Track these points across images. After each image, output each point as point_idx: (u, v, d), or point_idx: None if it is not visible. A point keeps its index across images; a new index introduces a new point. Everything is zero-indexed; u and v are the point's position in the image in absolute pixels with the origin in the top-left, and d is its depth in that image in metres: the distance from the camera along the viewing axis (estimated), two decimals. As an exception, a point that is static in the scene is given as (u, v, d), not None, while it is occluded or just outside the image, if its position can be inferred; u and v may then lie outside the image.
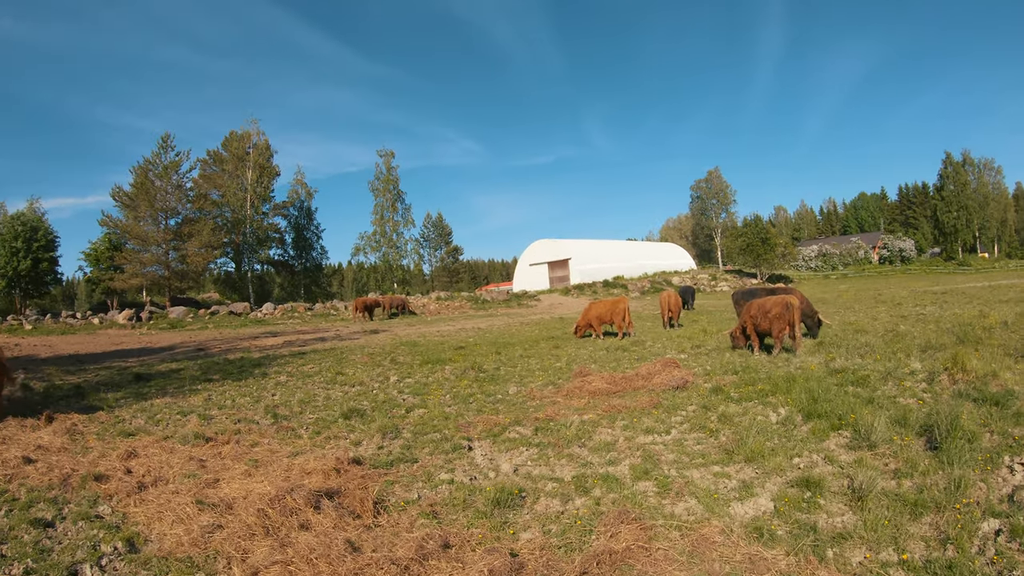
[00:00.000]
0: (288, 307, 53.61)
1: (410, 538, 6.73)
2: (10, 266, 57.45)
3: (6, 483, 9.17)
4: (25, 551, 6.81)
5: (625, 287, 69.12)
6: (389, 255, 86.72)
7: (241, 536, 6.90)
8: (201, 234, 61.48)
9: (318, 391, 16.52)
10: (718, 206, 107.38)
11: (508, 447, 10.31)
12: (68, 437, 11.90)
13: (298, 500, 7.56)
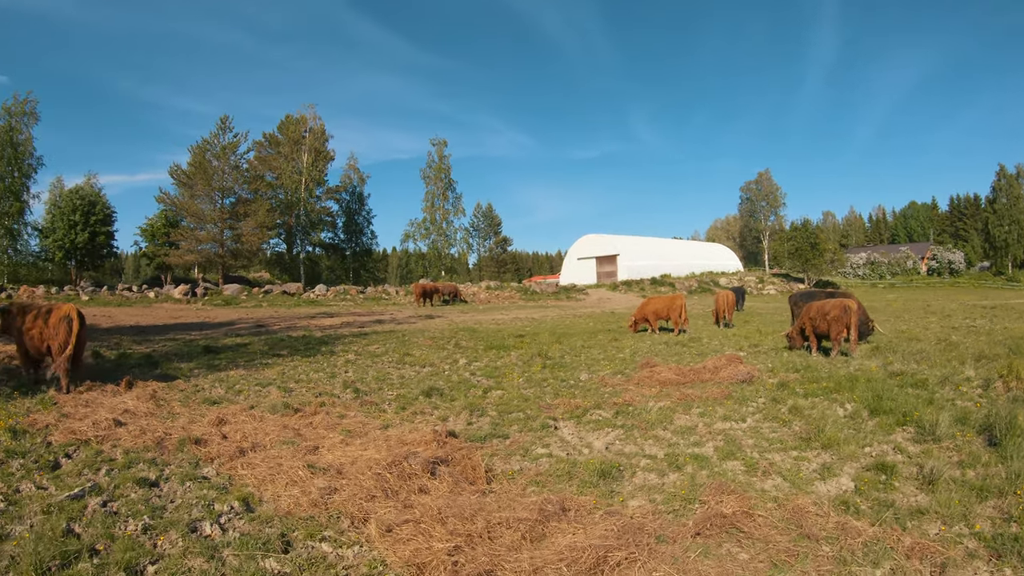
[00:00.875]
0: (340, 289, 54.01)
1: (528, 502, 6.97)
2: (68, 238, 58.03)
3: (99, 443, 9.35)
4: (137, 508, 6.88)
5: (672, 285, 68.49)
6: (438, 243, 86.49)
7: (361, 498, 7.08)
8: (257, 214, 61.64)
9: (390, 370, 16.60)
10: (767, 208, 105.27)
11: (593, 428, 10.51)
12: (153, 403, 12.13)
13: (415, 466, 7.79)
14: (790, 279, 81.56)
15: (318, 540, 6.26)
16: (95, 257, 61.47)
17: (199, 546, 6.03)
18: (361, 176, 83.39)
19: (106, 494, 7.33)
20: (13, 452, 8.83)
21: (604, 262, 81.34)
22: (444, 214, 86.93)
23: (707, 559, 5.76)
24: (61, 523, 6.36)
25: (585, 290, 64.49)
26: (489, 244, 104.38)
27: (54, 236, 58.58)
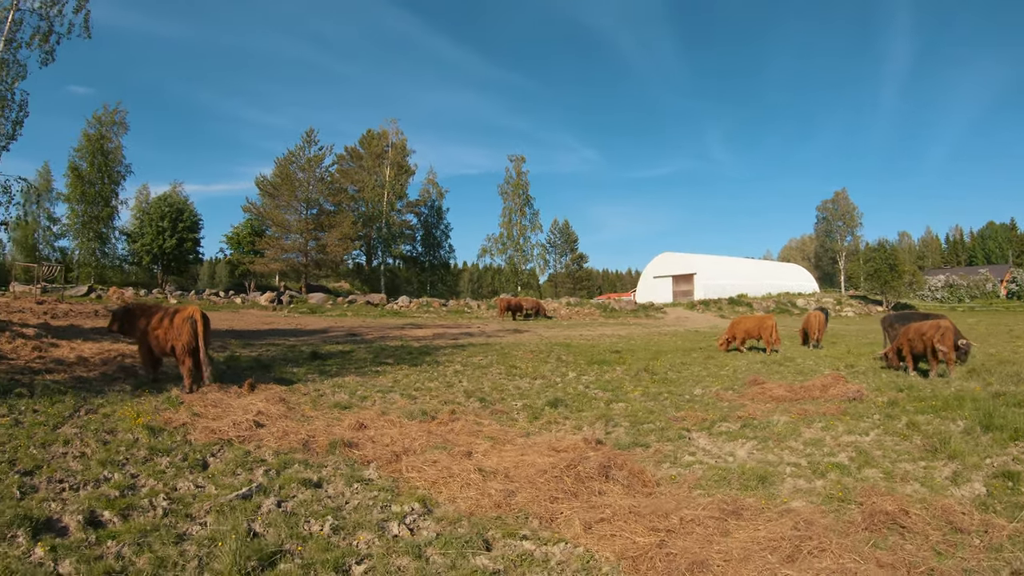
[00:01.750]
0: (423, 301, 53.66)
1: (704, 503, 7.11)
2: (156, 244, 59.72)
3: (241, 444, 9.42)
4: (314, 508, 6.96)
5: (750, 306, 66.97)
6: (515, 258, 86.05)
7: (544, 499, 7.20)
8: (342, 226, 62.34)
9: (503, 381, 16.48)
10: (844, 228, 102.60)
11: (727, 439, 10.62)
12: (284, 406, 12.04)
13: (590, 470, 7.95)
14: (867, 301, 78.93)
15: (518, 539, 6.30)
16: (181, 262, 63.19)
17: (401, 545, 6.08)
18: (440, 190, 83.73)
19: (274, 494, 7.25)
20: (157, 450, 8.82)
21: (680, 281, 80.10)
22: (521, 230, 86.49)
23: (880, 549, 6.10)
24: (241, 523, 6.28)
25: (663, 308, 63.48)
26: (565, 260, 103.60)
27: (142, 241, 60.31)
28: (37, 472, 7.74)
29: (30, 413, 10.48)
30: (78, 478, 7.61)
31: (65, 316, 28.94)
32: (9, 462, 8.07)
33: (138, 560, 5.59)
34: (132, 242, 62.90)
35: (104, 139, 60.54)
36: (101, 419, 10.40)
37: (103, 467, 8.02)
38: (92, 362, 15.58)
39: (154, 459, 8.48)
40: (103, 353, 16.81)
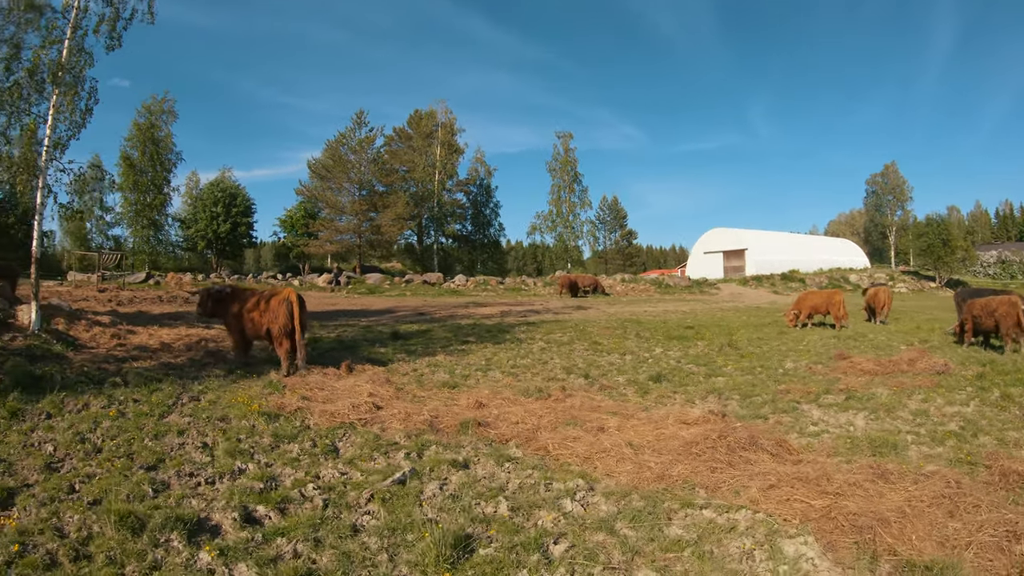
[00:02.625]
0: (480, 280, 53.45)
1: (851, 468, 7.30)
2: (210, 229, 60.19)
3: (364, 426, 9.18)
4: (479, 490, 6.82)
5: (803, 281, 65.57)
6: (564, 235, 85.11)
7: (703, 470, 7.25)
8: (395, 206, 62.45)
9: (594, 357, 16.23)
10: (894, 203, 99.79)
11: (837, 410, 10.67)
12: (390, 387, 11.84)
13: (740, 440, 7.98)
14: (920, 277, 76.67)
15: (698, 508, 6.29)
16: (235, 247, 63.75)
17: (591, 521, 6.05)
18: (488, 169, 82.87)
19: (430, 478, 7.12)
20: (280, 436, 8.55)
21: (731, 256, 78.85)
22: (571, 207, 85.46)
23: (1020, 504, 6.27)
24: (413, 509, 6.20)
25: (716, 284, 62.56)
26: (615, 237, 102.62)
27: (196, 227, 60.71)
28: (162, 466, 7.34)
29: (131, 403, 9.95)
30: (210, 471, 7.21)
31: (131, 303, 28.69)
32: (127, 456, 7.57)
33: (320, 558, 5.31)
34: (186, 228, 63.55)
35: (154, 128, 60.79)
36: (207, 406, 10.01)
37: (232, 458, 7.64)
38: (175, 348, 15.13)
39: (281, 446, 8.17)
40: (183, 338, 16.41)
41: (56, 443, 7.90)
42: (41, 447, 7.80)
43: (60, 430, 8.46)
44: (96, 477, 6.87)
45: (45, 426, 8.59)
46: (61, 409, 9.38)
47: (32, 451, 7.64)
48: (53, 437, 8.16)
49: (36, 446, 7.83)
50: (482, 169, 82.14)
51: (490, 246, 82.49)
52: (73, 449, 7.75)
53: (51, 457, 7.50)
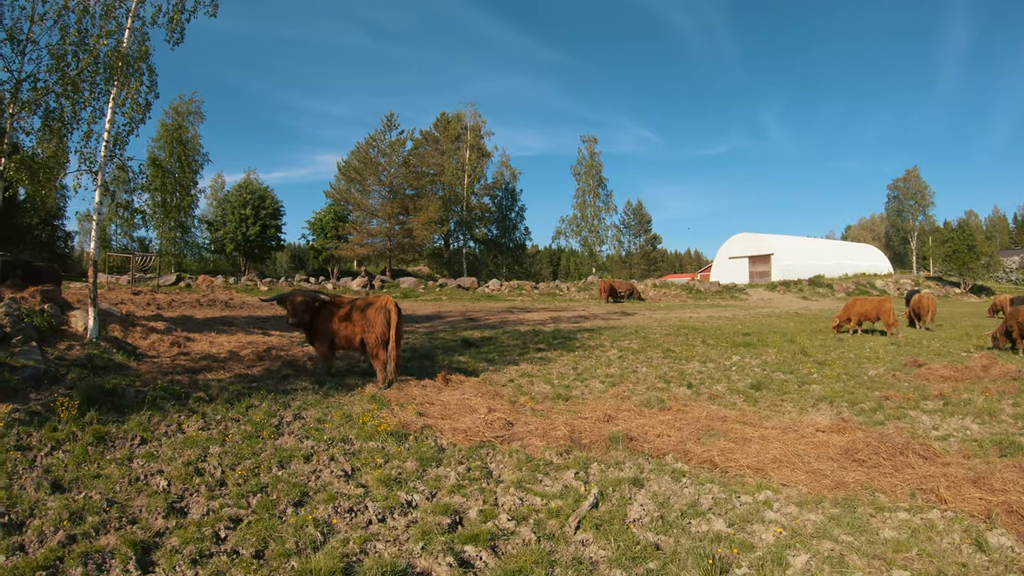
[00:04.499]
0: (514, 284, 52.74)
1: (996, 467, 7.41)
2: (239, 231, 59.55)
3: (504, 444, 8.66)
4: (680, 508, 6.50)
5: (830, 286, 64.50)
6: (590, 240, 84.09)
7: (876, 475, 7.29)
8: (427, 209, 61.96)
9: (679, 366, 15.68)
10: (915, 207, 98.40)
11: (942, 415, 10.65)
12: (501, 400, 11.14)
13: (897, 446, 8.08)
14: (944, 283, 75.33)
15: (892, 511, 6.41)
16: (264, 249, 63.14)
17: (809, 530, 6.00)
18: (513, 172, 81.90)
19: (617, 499, 6.67)
20: (426, 460, 7.79)
21: (757, 261, 78.15)
22: (596, 211, 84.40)
23: None
24: (629, 534, 5.80)
25: (745, 290, 61.57)
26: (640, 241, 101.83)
27: (225, 229, 60.01)
28: (309, 501, 6.42)
29: (230, 423, 8.98)
30: (372, 505, 6.34)
31: (170, 306, 27.69)
32: (260, 490, 6.58)
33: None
34: (214, 230, 63.00)
35: (181, 129, 60.18)
36: (317, 425, 9.12)
37: (388, 487, 6.86)
38: (245, 357, 14.18)
39: (429, 471, 7.49)
40: (247, 347, 15.56)
41: (167, 476, 6.80)
42: (149, 481, 6.70)
43: (164, 459, 7.40)
44: (242, 520, 5.86)
45: (144, 454, 7.49)
46: (153, 432, 8.34)
47: (142, 487, 6.55)
48: (160, 468, 7.08)
49: (143, 480, 6.73)
50: (507, 172, 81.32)
51: (516, 250, 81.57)
52: (191, 483, 6.69)
53: (168, 494, 6.39)
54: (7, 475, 6.54)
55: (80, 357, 12.33)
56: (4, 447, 7.21)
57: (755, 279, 75.34)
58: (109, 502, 5.99)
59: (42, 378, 10.56)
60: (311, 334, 12.91)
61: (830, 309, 39.53)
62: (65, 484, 6.44)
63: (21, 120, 11.78)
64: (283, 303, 12.79)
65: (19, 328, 12.37)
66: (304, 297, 12.65)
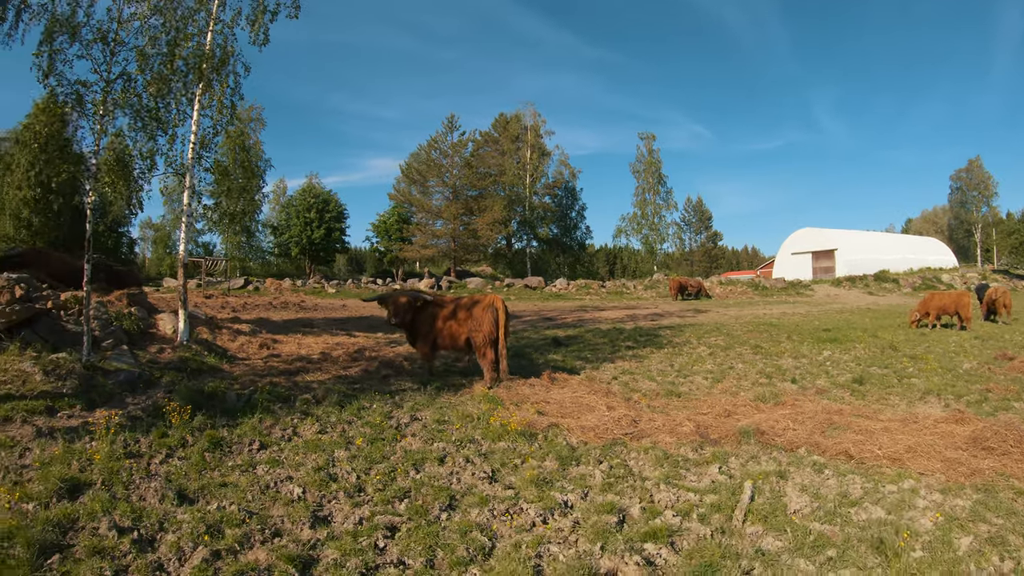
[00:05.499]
0: (581, 283, 52.44)
1: None
2: (304, 235, 59.97)
3: (634, 441, 8.50)
4: (834, 499, 6.40)
5: (896, 281, 62.81)
6: (650, 238, 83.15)
7: (1008, 462, 7.19)
8: (492, 209, 62.17)
9: (774, 362, 15.48)
10: (979, 199, 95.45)
11: None
12: (614, 397, 10.98)
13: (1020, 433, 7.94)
14: (1011, 276, 72.75)
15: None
16: (329, 252, 63.73)
17: (963, 516, 5.90)
18: (573, 171, 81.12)
19: (766, 493, 6.56)
20: (564, 459, 7.61)
21: (820, 257, 76.62)
22: (656, 208, 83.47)
23: None
24: (797, 524, 5.76)
25: (810, 286, 60.37)
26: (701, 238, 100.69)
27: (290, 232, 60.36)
28: (458, 504, 6.27)
29: (346, 425, 8.76)
30: (529, 508, 6.18)
31: (245, 309, 27.64)
32: (403, 495, 6.38)
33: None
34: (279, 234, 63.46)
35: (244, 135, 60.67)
36: (437, 426, 8.93)
37: (538, 487, 6.68)
38: (338, 358, 13.97)
39: (569, 469, 7.32)
40: (334, 348, 15.43)
41: (300, 483, 6.48)
42: (280, 489, 6.37)
43: (290, 464, 7.08)
44: (398, 528, 5.65)
45: (266, 460, 7.18)
46: (268, 436, 8.06)
47: (274, 495, 6.22)
48: (288, 474, 6.75)
49: (274, 488, 6.40)
50: (566, 171, 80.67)
51: (576, 249, 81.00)
52: (327, 490, 6.38)
53: (306, 502, 6.05)
54: (123, 484, 6.24)
55: (172, 360, 12.14)
56: (114, 454, 6.90)
57: (819, 275, 73.95)
58: (246, 513, 5.64)
59: (137, 382, 10.39)
60: (412, 334, 12.69)
61: (899, 304, 39.04)
62: (190, 494, 6.13)
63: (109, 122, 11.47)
64: (385, 303, 12.65)
65: (109, 331, 12.22)
66: (407, 297, 12.44)
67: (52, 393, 8.95)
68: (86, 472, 6.44)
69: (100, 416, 7.99)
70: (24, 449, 7.01)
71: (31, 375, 9.46)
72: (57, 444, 7.12)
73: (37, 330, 11.35)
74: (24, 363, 9.71)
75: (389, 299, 12.54)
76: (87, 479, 6.25)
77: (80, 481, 6.17)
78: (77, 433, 7.55)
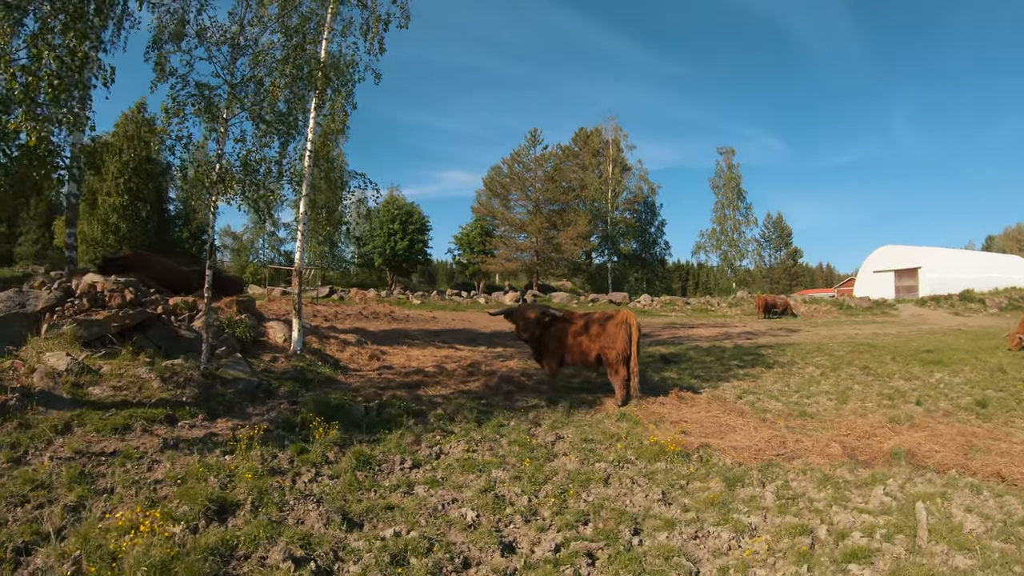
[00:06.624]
0: (665, 300, 51.67)
1: None
2: (388, 245, 60.43)
3: (787, 462, 8.41)
4: (1005, 520, 6.31)
5: (983, 302, 60.25)
6: (730, 254, 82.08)
7: None
8: (576, 224, 61.98)
9: (889, 383, 15.16)
10: None
11: None
12: (747, 417, 10.91)
13: None
14: None
15: None
16: (412, 263, 64.14)
17: None
18: (652, 186, 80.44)
19: (935, 514, 6.41)
20: (731, 480, 7.56)
21: (903, 276, 74.03)
22: (735, 224, 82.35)
23: None
24: (984, 545, 5.70)
25: (895, 305, 58.54)
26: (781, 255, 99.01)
27: (373, 243, 60.95)
28: (642, 528, 6.20)
29: (492, 443, 8.57)
30: (717, 530, 6.20)
31: (337, 318, 27.54)
32: (583, 518, 6.27)
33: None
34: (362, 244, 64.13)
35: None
36: (584, 445, 8.79)
37: (715, 509, 6.67)
38: (453, 372, 13.74)
39: (737, 490, 7.30)
40: (444, 361, 15.23)
41: (471, 505, 6.30)
42: (450, 512, 6.17)
43: (451, 485, 6.88)
44: (595, 555, 5.49)
45: (424, 479, 6.99)
46: (415, 454, 7.84)
47: (446, 518, 6.04)
48: (453, 496, 6.55)
49: (442, 511, 6.20)
50: (645, 186, 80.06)
51: (655, 264, 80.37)
52: (501, 513, 6.22)
53: (482, 526, 5.87)
54: (276, 506, 6.00)
55: (288, 369, 12.05)
56: (256, 471, 6.62)
57: (901, 294, 71.85)
58: (428, 540, 5.40)
59: (256, 391, 10.27)
60: (539, 349, 12.52)
61: (990, 326, 37.57)
62: (355, 517, 5.91)
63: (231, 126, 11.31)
64: (513, 318, 12.62)
65: (221, 339, 12.12)
66: (536, 312, 12.32)
67: (171, 401, 8.76)
68: (229, 490, 6.20)
69: (223, 426, 8.00)
70: (152, 462, 6.78)
71: (147, 381, 9.24)
72: (188, 457, 6.95)
73: (149, 336, 11.22)
74: (139, 369, 9.50)
75: (518, 313, 12.45)
76: (232, 499, 6.01)
77: (226, 501, 5.93)
78: (206, 445, 7.37)
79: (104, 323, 10.52)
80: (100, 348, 10.07)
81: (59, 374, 8.56)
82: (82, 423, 7.40)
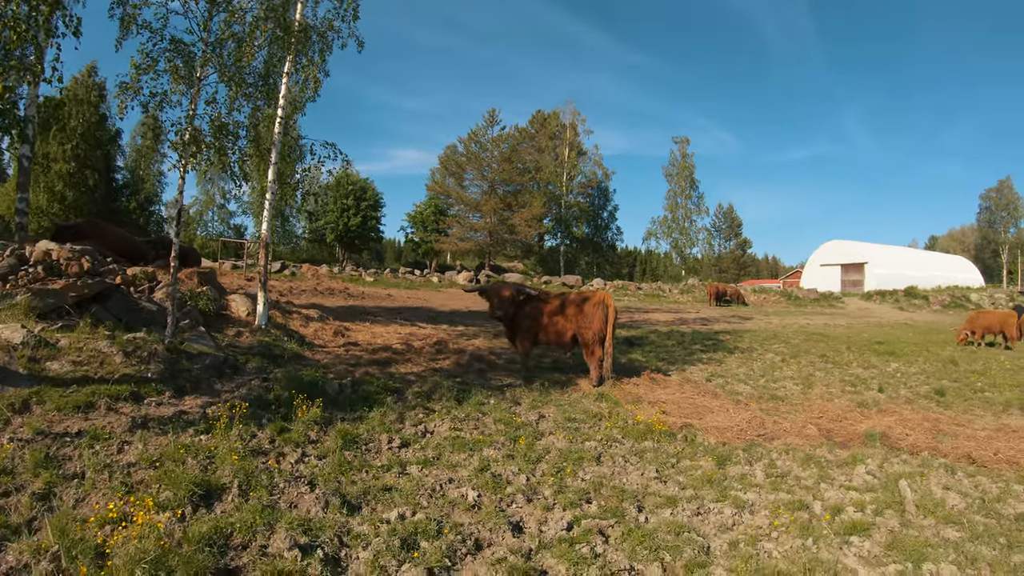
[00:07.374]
0: (618, 284, 52.24)
1: None
2: (340, 221, 59.66)
3: (768, 442, 8.78)
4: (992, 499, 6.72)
5: (926, 298, 61.92)
6: (680, 242, 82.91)
7: None
8: (531, 205, 62.05)
9: (852, 372, 15.67)
10: (1007, 219, 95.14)
11: None
12: (721, 399, 11.33)
13: None
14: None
15: None
16: (364, 240, 63.26)
17: None
18: (606, 171, 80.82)
19: (917, 492, 6.77)
20: (722, 459, 7.85)
21: (850, 270, 76.05)
22: (687, 213, 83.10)
23: None
24: (968, 520, 6.12)
25: (841, 298, 60.00)
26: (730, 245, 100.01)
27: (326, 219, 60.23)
28: (645, 505, 6.37)
29: (475, 421, 8.62)
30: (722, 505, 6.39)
31: (292, 293, 27.08)
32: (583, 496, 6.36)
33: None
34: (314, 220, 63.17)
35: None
36: (568, 424, 8.92)
37: (711, 487, 6.90)
38: (421, 350, 13.60)
39: (726, 468, 7.56)
40: (409, 338, 15.00)
41: (470, 485, 6.29)
42: (448, 492, 6.18)
43: (445, 464, 6.85)
44: (606, 533, 5.54)
45: (416, 459, 6.89)
46: (401, 432, 7.71)
47: (446, 499, 6.03)
48: (449, 476, 6.51)
49: (441, 491, 6.18)
50: (600, 171, 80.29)
51: (606, 249, 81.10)
52: (501, 492, 6.29)
53: (484, 506, 5.88)
54: (266, 489, 5.72)
55: (254, 344, 11.80)
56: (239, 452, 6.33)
57: (847, 287, 73.66)
58: (436, 522, 5.29)
59: (223, 367, 9.99)
60: (512, 328, 12.36)
61: (935, 321, 39.22)
62: (352, 499, 5.72)
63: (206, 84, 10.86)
64: (487, 295, 12.43)
65: (184, 312, 11.70)
66: (511, 291, 12.16)
67: (135, 377, 8.29)
68: (211, 473, 5.89)
69: (192, 404, 7.76)
70: (123, 443, 6.38)
71: (109, 356, 8.75)
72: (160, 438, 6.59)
73: (108, 307, 10.77)
74: (99, 343, 8.99)
75: (492, 291, 12.28)
76: (217, 482, 5.70)
77: (211, 485, 5.61)
78: (177, 424, 7.02)
79: (61, 293, 10.08)
80: (56, 320, 9.57)
81: (14, 348, 8.02)
82: (41, 401, 6.96)
